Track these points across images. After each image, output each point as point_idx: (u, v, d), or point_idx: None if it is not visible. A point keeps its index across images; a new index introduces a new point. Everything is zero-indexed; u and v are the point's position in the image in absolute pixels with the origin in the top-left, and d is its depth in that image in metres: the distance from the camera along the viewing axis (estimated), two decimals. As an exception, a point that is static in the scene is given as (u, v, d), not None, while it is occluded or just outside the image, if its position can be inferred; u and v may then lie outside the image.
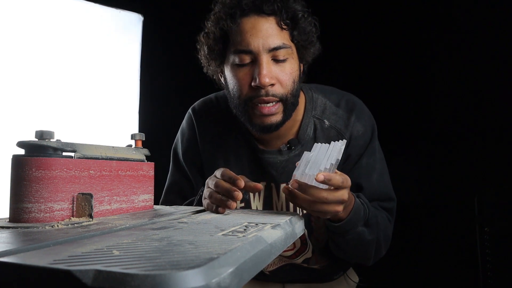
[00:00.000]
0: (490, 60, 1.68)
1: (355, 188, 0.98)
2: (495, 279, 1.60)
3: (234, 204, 0.75)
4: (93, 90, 1.79)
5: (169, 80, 2.05)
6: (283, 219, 0.63)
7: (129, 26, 1.97)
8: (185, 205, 1.04)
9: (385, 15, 1.99)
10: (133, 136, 0.80)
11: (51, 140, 0.60)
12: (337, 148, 0.74)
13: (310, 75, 1.05)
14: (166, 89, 2.04)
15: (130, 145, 0.80)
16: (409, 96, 1.92)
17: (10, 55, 1.55)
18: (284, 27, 0.88)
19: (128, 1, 1.95)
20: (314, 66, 1.05)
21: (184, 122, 1.12)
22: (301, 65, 0.97)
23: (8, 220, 0.59)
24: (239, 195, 0.74)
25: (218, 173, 0.81)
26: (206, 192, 0.82)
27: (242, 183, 0.74)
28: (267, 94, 0.87)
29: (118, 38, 1.92)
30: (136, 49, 1.99)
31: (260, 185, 0.79)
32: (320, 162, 0.72)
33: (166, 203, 1.09)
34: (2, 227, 0.54)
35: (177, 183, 1.10)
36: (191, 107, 1.12)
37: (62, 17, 1.71)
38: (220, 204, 0.76)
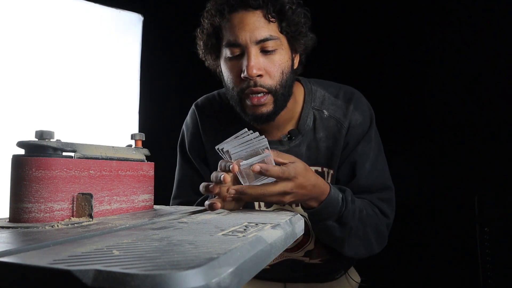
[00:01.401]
0: (490, 60, 1.68)
1: (349, 175, 1.00)
2: (495, 279, 1.60)
3: (216, 188, 0.75)
4: (93, 90, 1.79)
5: (169, 80, 2.05)
6: (283, 219, 0.63)
7: (129, 26, 1.97)
8: (200, 200, 1.05)
9: (385, 10, 1.99)
10: (133, 136, 0.80)
11: (51, 140, 0.60)
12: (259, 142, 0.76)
13: (306, 71, 1.06)
14: (166, 89, 2.04)
15: (130, 145, 0.80)
16: (409, 96, 1.92)
17: (11, 55, 1.55)
18: (272, 19, 0.91)
19: (128, 1, 1.95)
20: (312, 63, 1.06)
21: (188, 117, 1.16)
22: (295, 56, 1.00)
23: (8, 220, 0.59)
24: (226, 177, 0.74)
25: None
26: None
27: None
28: (255, 85, 0.91)
29: (118, 38, 1.92)
30: (136, 49, 1.99)
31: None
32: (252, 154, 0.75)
33: (179, 197, 1.11)
34: (2, 227, 0.54)
35: (188, 177, 1.12)
36: (195, 102, 1.16)
37: (62, 17, 1.71)
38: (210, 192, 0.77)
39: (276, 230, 0.53)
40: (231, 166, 0.73)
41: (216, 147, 0.79)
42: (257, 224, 0.57)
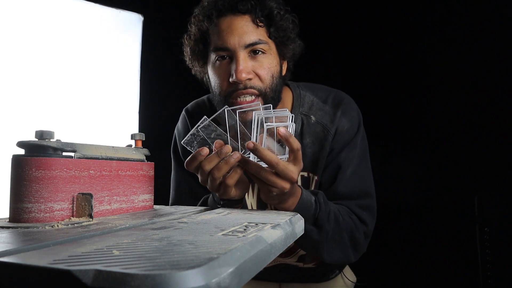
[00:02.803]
0: (489, 59, 1.68)
1: (331, 180, 0.99)
2: (495, 279, 1.60)
3: (237, 154, 0.73)
4: (93, 90, 1.79)
5: (169, 80, 2.05)
6: (283, 219, 0.63)
7: (129, 26, 1.97)
8: (200, 203, 1.03)
9: (382, 8, 1.99)
10: (133, 136, 0.80)
11: (51, 140, 0.60)
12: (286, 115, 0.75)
13: (305, 75, 1.05)
14: (166, 89, 2.04)
15: (130, 145, 0.80)
16: (408, 96, 1.92)
17: (10, 55, 1.55)
18: (260, 24, 0.91)
19: (128, 1, 1.95)
20: (309, 65, 1.06)
21: (179, 123, 1.16)
22: (284, 62, 1.00)
23: (8, 220, 0.59)
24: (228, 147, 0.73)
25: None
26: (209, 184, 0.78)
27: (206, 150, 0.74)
28: (245, 87, 0.90)
29: (118, 38, 1.92)
30: (136, 49, 1.99)
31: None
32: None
33: (179, 203, 1.09)
34: (2, 227, 0.54)
35: (185, 182, 1.11)
36: (185, 108, 1.17)
37: (62, 17, 1.71)
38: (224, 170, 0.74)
39: (276, 230, 0.53)
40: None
41: (228, 108, 0.77)
42: (257, 224, 0.57)
